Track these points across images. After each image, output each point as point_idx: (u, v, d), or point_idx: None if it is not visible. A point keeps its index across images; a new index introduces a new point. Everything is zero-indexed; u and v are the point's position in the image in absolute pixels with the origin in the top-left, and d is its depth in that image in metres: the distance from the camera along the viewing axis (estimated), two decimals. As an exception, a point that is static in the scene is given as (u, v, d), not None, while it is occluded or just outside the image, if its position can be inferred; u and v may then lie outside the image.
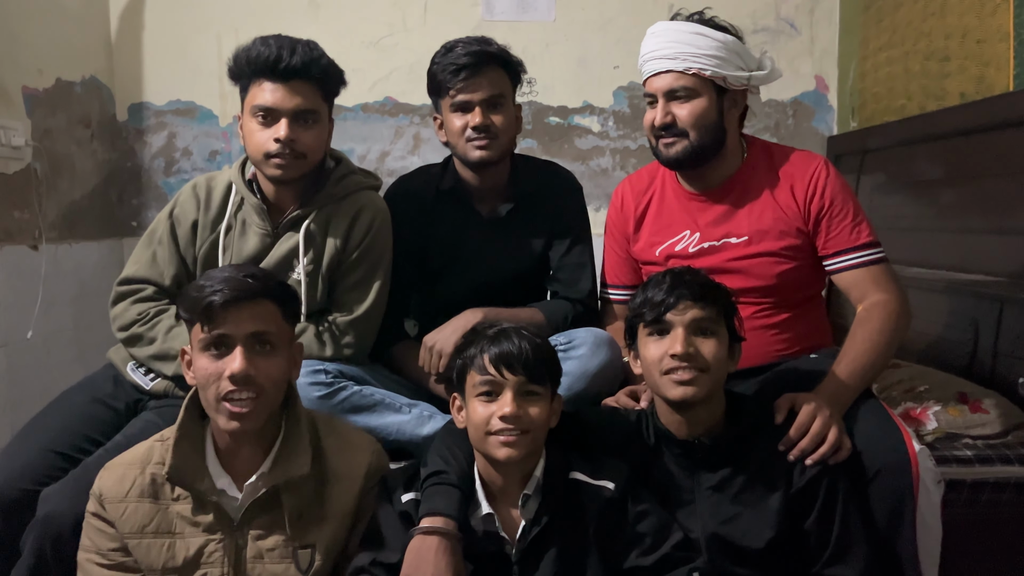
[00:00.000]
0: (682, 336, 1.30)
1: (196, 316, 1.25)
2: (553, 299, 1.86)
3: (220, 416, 1.26)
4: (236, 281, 1.25)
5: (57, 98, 2.62)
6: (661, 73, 1.64)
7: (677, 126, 1.64)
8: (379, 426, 1.63)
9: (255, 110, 1.59)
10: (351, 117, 3.03)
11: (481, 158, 1.76)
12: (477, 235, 1.86)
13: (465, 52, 1.73)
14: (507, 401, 1.24)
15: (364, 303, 1.70)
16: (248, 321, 1.25)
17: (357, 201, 1.72)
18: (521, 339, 1.27)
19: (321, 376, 1.61)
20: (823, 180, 1.65)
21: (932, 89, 2.39)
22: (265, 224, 1.67)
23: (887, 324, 1.53)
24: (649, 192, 1.81)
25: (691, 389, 1.30)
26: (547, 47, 3.02)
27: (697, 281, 1.33)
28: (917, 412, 1.71)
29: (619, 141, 3.08)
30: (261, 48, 1.58)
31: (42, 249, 2.49)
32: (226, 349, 1.24)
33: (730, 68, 1.63)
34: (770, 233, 1.65)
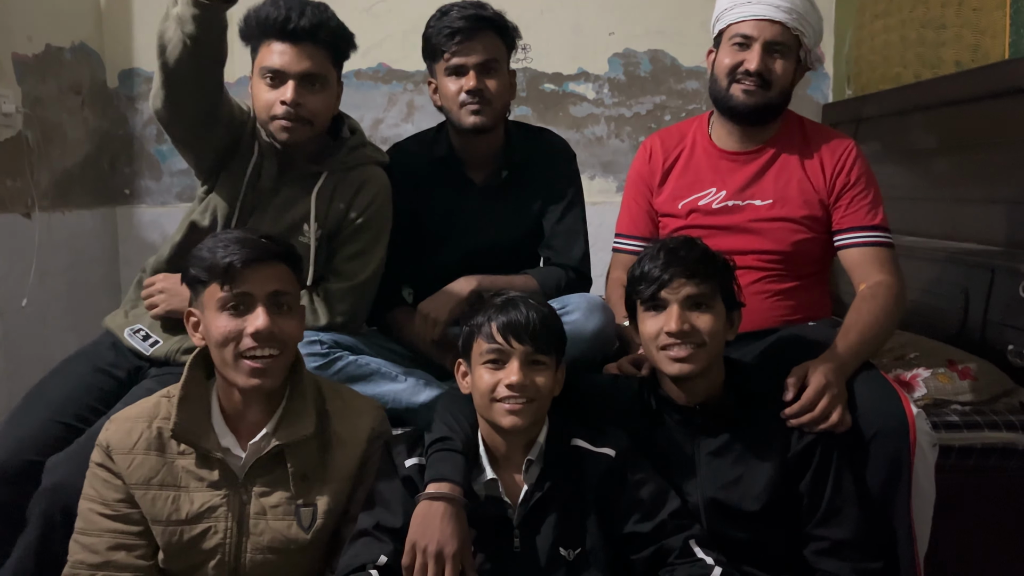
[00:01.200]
0: (677, 313, 1.31)
1: (214, 276, 1.27)
2: (546, 266, 1.87)
3: (239, 374, 1.27)
4: (254, 242, 1.28)
5: (47, 65, 2.58)
6: (769, 21, 1.63)
7: (766, 78, 1.65)
8: (375, 395, 1.64)
9: (263, 71, 1.58)
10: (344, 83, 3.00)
11: (474, 124, 1.76)
12: (471, 203, 1.86)
13: (460, 16, 1.73)
14: (514, 370, 1.26)
15: (362, 273, 1.71)
16: (269, 281, 1.28)
17: (364, 173, 1.72)
18: (529, 308, 1.28)
19: (316, 347, 1.63)
20: (852, 158, 1.69)
21: (927, 57, 2.40)
22: (271, 167, 1.68)
23: (891, 304, 1.56)
24: (680, 146, 1.83)
25: (687, 366, 1.32)
26: (542, 13, 2.99)
27: (692, 256, 1.34)
28: (907, 378, 1.74)
29: (614, 108, 3.07)
30: (271, 9, 1.56)
31: (35, 217, 2.48)
32: (245, 308, 1.27)
33: (815, 37, 1.69)
34: (794, 201, 1.68)
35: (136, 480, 1.29)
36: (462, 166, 1.87)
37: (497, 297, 1.32)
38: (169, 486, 1.30)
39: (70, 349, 1.81)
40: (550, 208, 1.88)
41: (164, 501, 1.29)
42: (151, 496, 1.29)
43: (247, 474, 1.31)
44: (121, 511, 1.30)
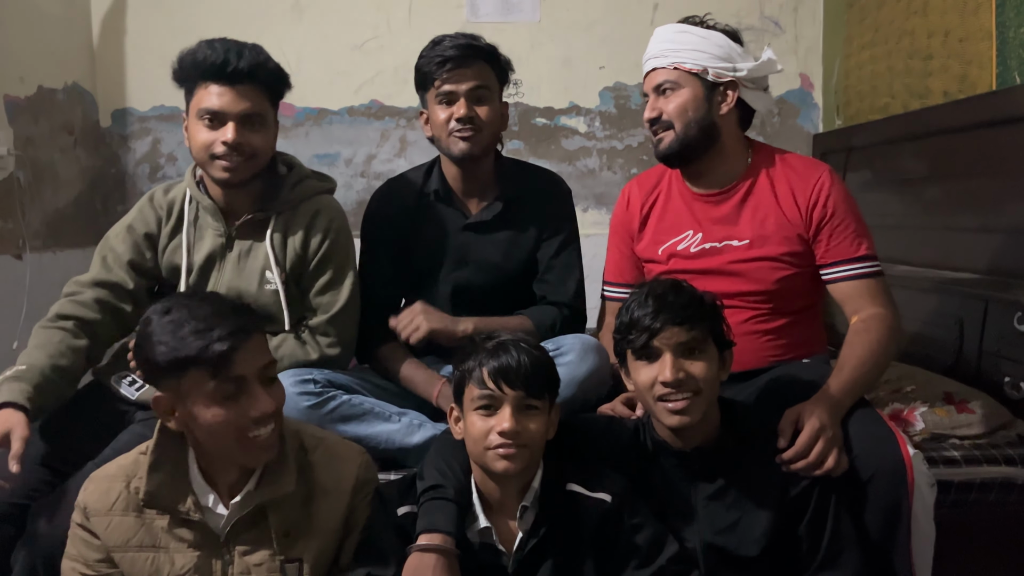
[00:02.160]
0: (670, 362, 1.29)
1: (200, 365, 1.17)
2: (540, 305, 1.86)
3: (246, 456, 1.23)
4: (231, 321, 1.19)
5: (39, 106, 2.59)
6: (649, 72, 1.69)
7: (662, 119, 1.67)
8: (369, 435, 1.63)
9: (202, 113, 1.57)
10: (337, 120, 3.02)
11: (463, 151, 1.75)
12: (463, 237, 1.86)
13: (452, 45, 1.74)
14: (506, 416, 1.24)
15: (338, 302, 1.70)
16: (257, 356, 1.22)
17: (312, 206, 1.71)
18: (520, 352, 1.27)
19: (310, 386, 1.61)
20: (826, 189, 1.65)
21: (915, 87, 2.41)
22: (219, 225, 1.68)
23: (885, 337, 1.54)
24: (656, 191, 1.83)
25: (686, 417, 1.30)
26: (532, 48, 3.02)
27: (680, 302, 1.32)
28: (904, 413, 1.72)
29: (606, 141, 3.08)
30: (207, 51, 1.56)
31: (26, 258, 2.47)
32: (239, 391, 1.20)
33: (712, 61, 1.66)
34: (772, 238, 1.66)
35: (115, 542, 1.26)
36: (454, 199, 1.87)
37: (488, 340, 1.31)
38: (148, 547, 1.26)
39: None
40: (545, 244, 1.87)
41: (144, 563, 1.26)
42: (130, 558, 1.26)
43: (228, 533, 1.27)
44: (102, 571, 1.27)
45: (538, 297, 1.87)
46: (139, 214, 1.72)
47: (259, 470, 1.28)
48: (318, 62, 3.00)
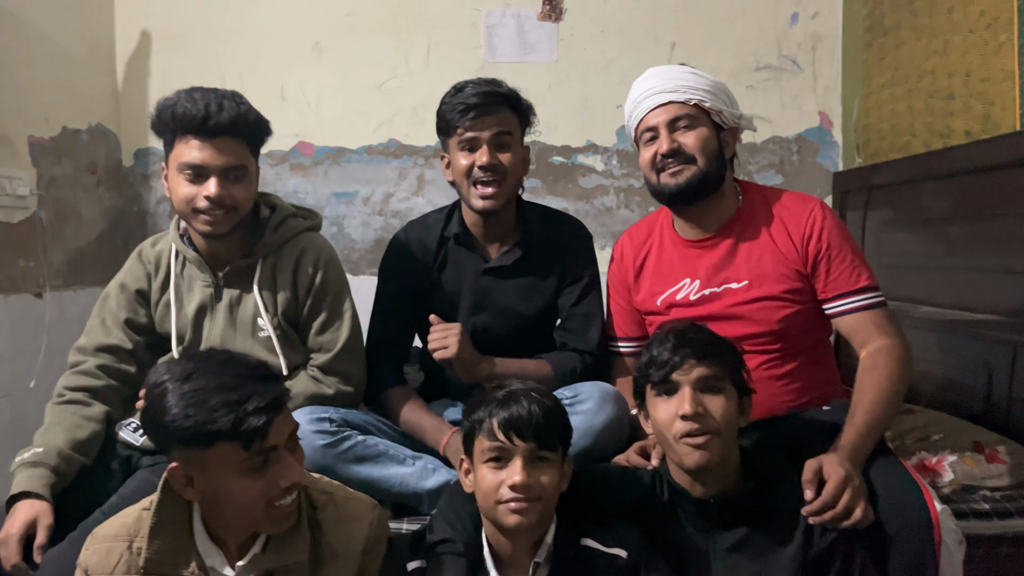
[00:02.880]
0: (689, 395, 1.28)
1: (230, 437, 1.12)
2: (561, 350, 1.83)
3: (271, 524, 1.19)
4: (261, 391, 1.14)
5: (63, 146, 2.63)
6: (662, 106, 1.66)
7: (684, 152, 1.65)
8: (382, 477, 1.61)
9: (183, 167, 1.56)
10: (355, 159, 3.04)
11: (485, 208, 1.76)
12: (483, 281, 1.85)
13: (475, 92, 1.74)
14: (517, 469, 1.21)
15: (340, 338, 1.69)
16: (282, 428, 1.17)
17: (297, 245, 1.70)
18: (531, 402, 1.24)
19: (326, 424, 1.60)
20: (819, 222, 1.64)
21: (937, 127, 2.38)
22: (206, 275, 1.68)
23: (895, 370, 1.51)
24: (648, 243, 1.82)
25: (705, 455, 1.27)
26: (550, 87, 3.03)
27: (700, 338, 1.32)
28: (933, 463, 1.67)
29: (623, 179, 3.07)
30: (187, 104, 1.54)
31: (46, 297, 2.49)
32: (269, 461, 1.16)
33: (723, 105, 1.68)
34: (770, 276, 1.64)
35: None
36: (475, 244, 1.86)
37: (498, 389, 1.28)
38: None
39: None
40: (567, 290, 1.86)
41: None
42: None
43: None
44: None
45: (559, 345, 1.85)
46: (129, 271, 1.74)
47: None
48: (337, 102, 3.03)
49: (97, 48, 2.90)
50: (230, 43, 3.01)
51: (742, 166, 3.01)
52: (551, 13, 3.03)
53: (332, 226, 3.05)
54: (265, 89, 3.01)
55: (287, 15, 3.01)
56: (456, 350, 1.67)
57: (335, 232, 3.05)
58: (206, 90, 1.58)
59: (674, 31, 3.03)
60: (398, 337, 1.86)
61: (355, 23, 3.02)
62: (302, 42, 3.02)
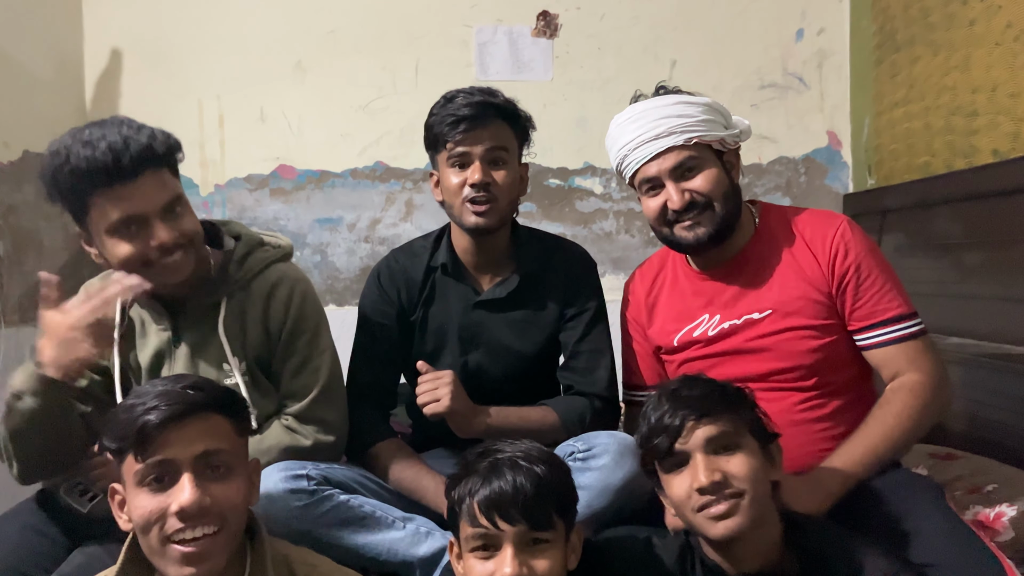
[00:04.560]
0: (702, 463, 1.10)
1: (128, 444, 1.02)
2: (567, 395, 1.65)
3: (169, 564, 1.03)
4: (174, 394, 1.04)
5: (24, 172, 2.45)
6: (660, 155, 1.48)
7: (699, 201, 1.48)
8: (368, 544, 1.42)
9: (113, 228, 1.31)
10: (340, 184, 2.87)
11: (477, 225, 1.58)
12: (474, 316, 1.67)
13: (466, 103, 1.57)
14: (506, 560, 1.02)
15: (318, 381, 1.49)
16: (195, 440, 1.03)
17: (267, 280, 1.50)
18: (517, 473, 1.04)
19: (303, 482, 1.40)
20: (845, 242, 1.48)
21: (959, 145, 2.25)
22: (163, 320, 1.47)
23: (909, 409, 1.38)
24: (659, 278, 1.66)
25: (732, 522, 1.09)
26: (545, 107, 2.87)
27: (696, 393, 1.14)
28: (990, 519, 1.49)
29: (623, 203, 2.92)
30: (86, 153, 1.27)
31: (3, 334, 2.29)
32: (170, 479, 1.03)
33: (722, 129, 1.51)
34: (796, 304, 1.48)
35: None
36: (465, 274, 1.68)
37: (480, 459, 1.08)
38: None
39: None
40: (568, 325, 1.67)
41: None
42: None
43: None
44: None
45: (563, 388, 1.66)
46: None
47: None
48: (320, 123, 2.86)
49: (64, 68, 2.73)
50: (206, 62, 2.84)
51: (748, 188, 2.87)
52: (545, 30, 2.89)
53: (315, 254, 2.87)
54: (244, 110, 2.85)
55: (267, 33, 2.85)
56: (449, 403, 1.47)
57: (318, 260, 2.88)
58: (92, 128, 1.33)
59: (674, 49, 2.90)
60: (384, 381, 1.67)
61: (339, 41, 2.86)
62: (283, 61, 2.86)
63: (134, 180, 1.31)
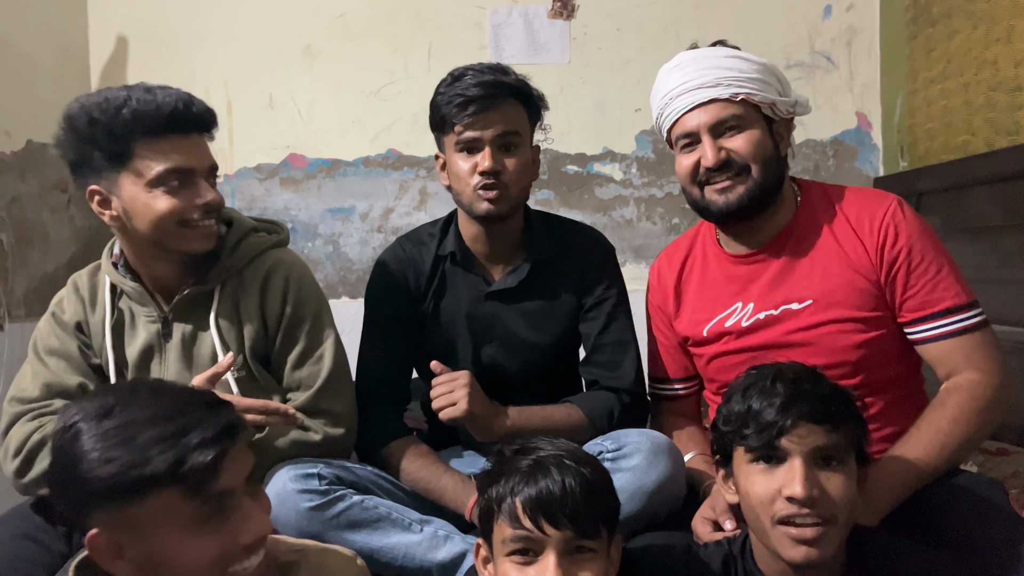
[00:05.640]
0: (802, 473, 0.99)
1: (174, 482, 0.89)
2: (591, 390, 1.56)
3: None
4: (215, 425, 0.92)
5: (28, 162, 2.39)
6: (701, 106, 1.37)
7: (735, 162, 1.37)
8: (383, 547, 1.34)
9: (162, 178, 1.30)
10: (352, 172, 2.79)
11: (488, 212, 1.49)
12: (486, 308, 1.58)
13: (476, 82, 1.47)
14: (549, 566, 0.93)
15: (322, 371, 1.42)
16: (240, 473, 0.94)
17: (261, 266, 1.44)
18: (565, 475, 0.96)
19: (314, 482, 1.33)
20: (898, 222, 1.36)
21: (1001, 123, 2.13)
22: (151, 310, 1.41)
23: (967, 413, 1.27)
24: (688, 261, 1.55)
25: (815, 551, 0.99)
26: (562, 91, 2.78)
27: (820, 393, 1.02)
28: (1045, 518, 1.40)
29: (644, 189, 2.82)
30: (150, 98, 1.30)
31: (7, 329, 2.23)
32: None
33: (776, 95, 1.40)
34: (840, 293, 1.36)
35: None
36: (475, 264, 1.59)
37: (522, 455, 1.00)
38: None
39: None
40: (588, 315, 1.57)
41: None
42: None
43: None
44: None
45: (587, 383, 1.56)
46: (61, 303, 1.47)
47: None
48: (331, 110, 2.78)
49: (68, 56, 2.66)
50: (213, 48, 2.77)
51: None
52: (562, 10, 2.79)
53: (327, 245, 2.79)
54: (252, 97, 2.77)
55: (275, 17, 2.77)
56: (466, 406, 1.39)
57: (331, 251, 2.80)
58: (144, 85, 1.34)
59: (696, 28, 2.79)
60: (395, 375, 1.58)
61: (349, 25, 2.78)
62: (292, 46, 2.78)
63: (188, 135, 1.32)
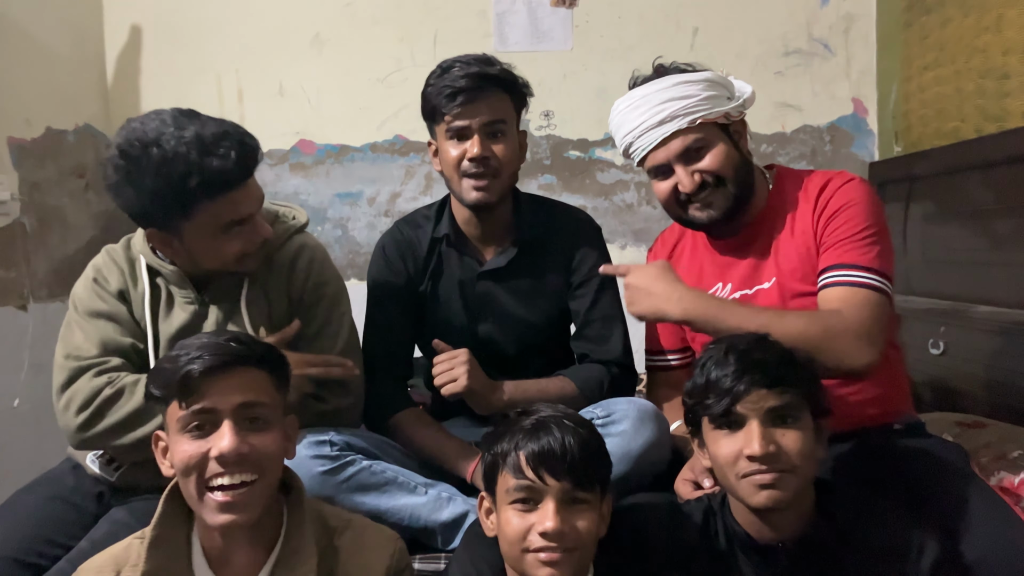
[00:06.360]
0: (758, 433, 1.08)
1: (172, 392, 1.07)
2: (583, 364, 1.64)
3: (207, 510, 1.06)
4: (217, 346, 1.08)
5: (47, 148, 2.48)
6: (666, 141, 1.44)
7: (710, 181, 1.45)
8: (390, 509, 1.43)
9: (228, 227, 1.37)
10: (359, 158, 2.87)
11: (478, 200, 1.58)
12: (480, 287, 1.66)
13: (463, 74, 1.55)
14: (548, 513, 1.03)
15: (336, 345, 1.52)
16: (235, 391, 1.07)
17: (288, 251, 1.53)
18: (565, 433, 1.06)
19: (326, 448, 1.42)
20: (836, 189, 1.43)
21: (990, 109, 2.19)
22: (188, 292, 1.48)
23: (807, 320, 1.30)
24: (679, 246, 1.65)
25: (776, 493, 1.08)
26: (564, 78, 2.85)
27: (769, 359, 1.11)
28: (1014, 484, 1.47)
29: (644, 174, 2.84)
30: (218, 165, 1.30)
31: (31, 309, 2.33)
32: (211, 427, 1.06)
33: (725, 103, 1.46)
34: (800, 270, 1.44)
35: None
36: (468, 245, 1.67)
37: (525, 417, 1.10)
38: None
39: (66, 451, 1.61)
40: (577, 292, 1.65)
41: None
42: None
43: None
44: None
45: (578, 356, 1.65)
46: (101, 268, 1.53)
47: (273, 556, 1.11)
48: (339, 97, 2.86)
49: (84, 44, 2.74)
50: (225, 37, 2.84)
51: (771, 157, 2.82)
52: (565, -1, 2.85)
53: (336, 228, 2.88)
54: (263, 85, 2.85)
55: (285, 6, 2.84)
56: (467, 382, 1.48)
57: (339, 235, 2.88)
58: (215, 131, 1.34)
59: (696, 15, 2.85)
60: (398, 351, 1.67)
61: (356, 13, 2.85)
62: (301, 34, 2.85)
63: (245, 183, 1.37)
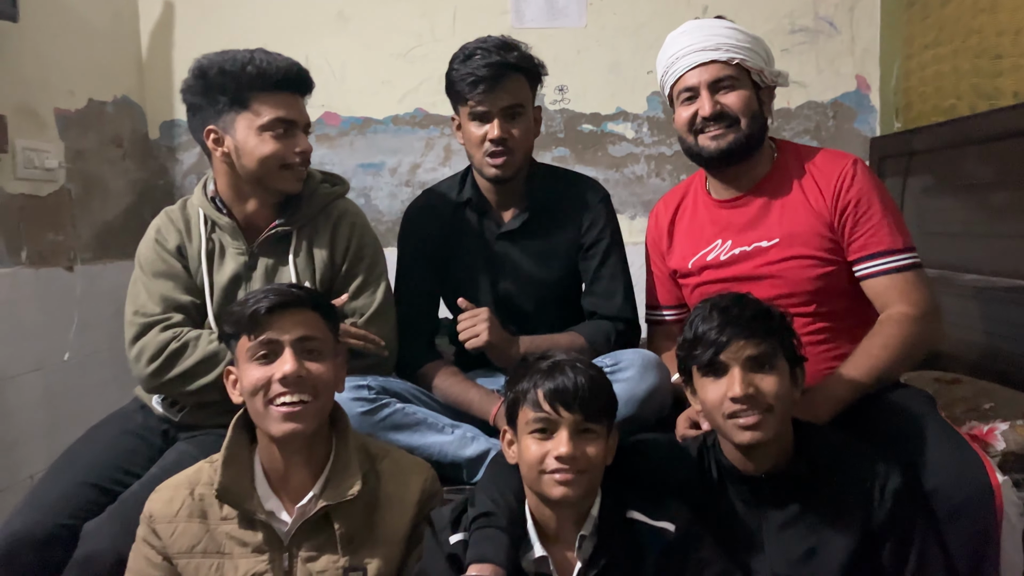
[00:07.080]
0: (739, 377, 1.24)
1: (242, 327, 1.27)
2: (591, 320, 1.80)
3: (272, 421, 1.25)
4: (280, 290, 1.29)
5: (89, 119, 2.61)
6: (702, 65, 1.61)
7: (728, 114, 1.60)
8: (420, 446, 1.60)
9: (271, 125, 1.58)
10: (381, 130, 3.00)
11: (496, 176, 1.75)
12: (499, 248, 1.83)
13: (485, 63, 1.69)
14: (563, 440, 1.18)
15: (374, 302, 1.68)
16: (295, 326, 1.27)
17: (332, 212, 1.71)
18: (577, 373, 1.21)
19: (364, 392, 1.59)
20: (851, 176, 1.60)
21: (984, 88, 2.30)
22: (240, 243, 1.65)
23: (895, 340, 1.49)
24: (681, 205, 1.80)
25: (758, 433, 1.23)
26: (578, 53, 2.96)
27: (747, 314, 1.26)
28: (983, 432, 1.62)
29: (654, 147, 3.01)
30: (277, 63, 1.60)
31: (77, 270, 2.48)
32: (274, 355, 1.26)
33: (764, 64, 1.64)
34: (802, 234, 1.60)
35: (179, 549, 1.26)
36: (488, 209, 1.84)
37: (543, 361, 1.25)
38: (212, 554, 1.27)
39: (112, 403, 1.78)
40: (587, 253, 1.81)
41: (208, 569, 1.26)
42: (195, 565, 1.26)
43: (292, 538, 1.27)
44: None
45: (587, 313, 1.81)
46: (160, 229, 1.68)
47: (324, 474, 1.29)
48: (363, 71, 2.98)
49: (120, 18, 2.86)
50: (253, 13, 2.96)
51: (776, 132, 2.94)
52: (579, -24, 2.95)
53: (359, 197, 3.02)
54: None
55: (310, -18, 2.96)
56: (488, 337, 1.65)
57: (362, 204, 3.02)
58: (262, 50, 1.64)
59: (707, -7, 2.95)
60: (426, 308, 1.84)
61: (379, -10, 2.96)
62: (326, 10, 2.97)
63: (297, 95, 1.63)
